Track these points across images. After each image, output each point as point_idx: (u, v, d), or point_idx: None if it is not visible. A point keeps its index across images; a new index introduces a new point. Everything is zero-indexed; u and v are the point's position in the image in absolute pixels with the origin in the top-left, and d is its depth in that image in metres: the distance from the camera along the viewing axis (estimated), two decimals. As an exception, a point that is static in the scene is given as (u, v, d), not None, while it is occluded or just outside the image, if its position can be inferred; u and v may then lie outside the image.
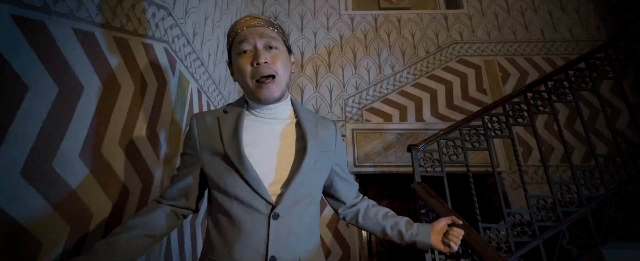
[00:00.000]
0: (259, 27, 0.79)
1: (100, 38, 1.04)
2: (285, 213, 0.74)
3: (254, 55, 0.76)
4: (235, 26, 0.82)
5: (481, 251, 0.93)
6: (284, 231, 0.73)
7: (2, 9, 0.70)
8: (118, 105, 1.13)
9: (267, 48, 0.78)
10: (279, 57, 0.78)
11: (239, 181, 0.74)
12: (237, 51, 0.80)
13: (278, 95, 0.80)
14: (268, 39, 0.78)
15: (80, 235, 0.92)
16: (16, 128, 0.72)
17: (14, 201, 0.71)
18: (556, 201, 1.51)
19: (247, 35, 0.78)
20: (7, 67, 0.71)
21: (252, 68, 0.77)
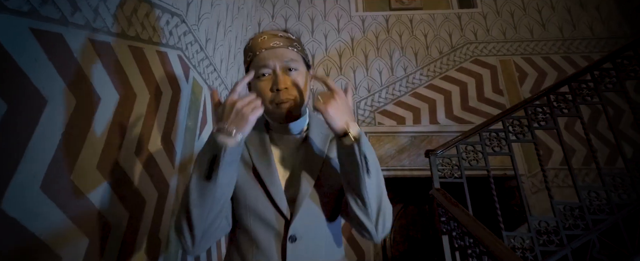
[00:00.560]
0: (278, 49, 0.76)
1: (116, 48, 1.03)
2: (303, 234, 0.72)
3: (274, 80, 0.74)
4: (253, 46, 0.78)
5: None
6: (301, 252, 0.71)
7: (22, 22, 0.70)
8: (134, 114, 1.12)
9: (286, 71, 0.76)
10: (299, 79, 0.76)
11: (261, 196, 0.74)
12: (256, 74, 0.77)
13: (297, 116, 0.79)
14: (287, 61, 0.75)
15: (99, 248, 0.91)
16: (36, 142, 0.72)
17: (34, 217, 0.71)
18: (584, 208, 1.44)
19: (266, 59, 0.75)
20: (26, 81, 0.70)
21: (272, 93, 0.75)
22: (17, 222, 0.67)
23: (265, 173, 0.75)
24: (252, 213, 0.74)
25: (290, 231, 0.71)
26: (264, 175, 0.75)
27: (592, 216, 1.41)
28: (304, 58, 0.82)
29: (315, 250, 0.73)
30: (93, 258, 0.89)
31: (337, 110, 0.66)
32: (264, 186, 0.74)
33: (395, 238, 2.84)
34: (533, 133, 1.61)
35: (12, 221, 0.66)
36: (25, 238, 0.69)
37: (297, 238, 0.71)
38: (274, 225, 0.72)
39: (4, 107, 0.65)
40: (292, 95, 0.75)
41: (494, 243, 0.99)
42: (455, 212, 1.26)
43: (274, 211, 0.73)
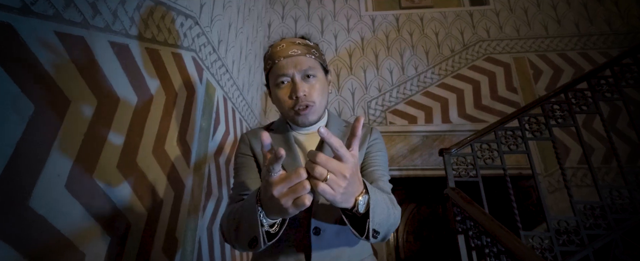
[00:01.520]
0: (296, 57, 0.77)
1: (134, 50, 1.06)
2: (327, 225, 0.74)
3: (292, 88, 0.76)
4: (273, 55, 0.80)
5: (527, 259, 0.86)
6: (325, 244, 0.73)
7: (47, 26, 0.72)
8: (151, 115, 1.14)
9: (305, 78, 0.77)
10: (317, 86, 0.78)
11: None
12: (274, 81, 0.79)
13: (315, 120, 0.81)
14: (305, 69, 0.77)
15: (119, 245, 0.93)
16: (61, 142, 0.74)
17: (59, 214, 0.73)
18: (606, 208, 1.40)
19: (284, 67, 0.77)
20: (51, 83, 0.72)
21: (291, 101, 0.77)
22: (44, 219, 0.69)
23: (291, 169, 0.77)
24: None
25: (313, 224, 0.73)
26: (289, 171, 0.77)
27: (614, 216, 1.36)
28: (321, 64, 0.83)
29: (338, 238, 0.74)
30: (114, 255, 0.91)
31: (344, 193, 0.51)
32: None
33: (407, 238, 2.82)
34: (551, 130, 1.57)
35: (39, 218, 0.68)
36: (52, 235, 0.71)
37: (320, 230, 0.73)
38: (298, 218, 0.74)
39: (30, 107, 0.67)
40: (310, 101, 0.77)
41: (512, 242, 0.97)
42: (472, 211, 1.24)
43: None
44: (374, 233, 0.59)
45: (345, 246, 0.75)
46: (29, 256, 0.65)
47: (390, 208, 0.66)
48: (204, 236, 1.55)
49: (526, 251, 0.92)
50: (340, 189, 0.49)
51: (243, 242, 0.61)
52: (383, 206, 0.61)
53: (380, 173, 0.82)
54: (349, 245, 0.77)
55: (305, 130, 0.86)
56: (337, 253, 0.74)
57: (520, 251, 0.93)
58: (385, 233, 0.65)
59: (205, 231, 1.56)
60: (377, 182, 0.79)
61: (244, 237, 0.61)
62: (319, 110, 0.80)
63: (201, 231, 1.51)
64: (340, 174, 0.49)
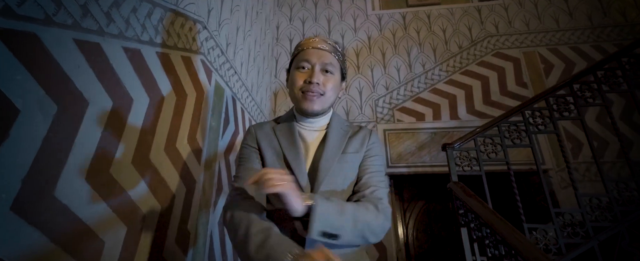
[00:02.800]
0: (323, 51, 0.87)
1: (145, 54, 1.13)
2: None
3: (310, 74, 0.85)
4: (303, 44, 0.90)
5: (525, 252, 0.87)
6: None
7: (67, 34, 0.80)
8: (162, 115, 1.22)
9: (324, 71, 0.87)
10: (331, 81, 0.87)
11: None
12: (297, 64, 0.88)
13: (318, 110, 0.88)
14: (327, 62, 0.86)
15: (136, 235, 1.00)
16: (81, 139, 0.82)
17: (81, 205, 0.80)
18: (612, 200, 1.38)
19: (309, 55, 0.86)
20: (71, 86, 0.80)
21: (304, 83, 0.86)
22: (67, 208, 0.77)
23: (294, 161, 0.85)
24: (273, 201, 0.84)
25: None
26: (292, 163, 0.84)
27: (620, 208, 1.35)
28: (342, 68, 0.92)
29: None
30: (131, 244, 0.98)
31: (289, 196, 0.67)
32: (291, 172, 0.83)
33: (417, 235, 2.82)
34: (555, 124, 1.56)
35: (64, 207, 0.76)
36: (75, 223, 0.78)
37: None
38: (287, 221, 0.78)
39: (54, 107, 0.75)
40: (320, 90, 0.85)
41: (508, 230, 0.99)
42: (472, 204, 1.26)
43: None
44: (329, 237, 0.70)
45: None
46: (56, 240, 0.72)
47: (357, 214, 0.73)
48: (216, 231, 1.62)
49: (521, 240, 0.94)
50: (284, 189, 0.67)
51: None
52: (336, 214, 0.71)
53: (376, 180, 0.87)
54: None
55: (308, 125, 0.92)
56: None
57: (514, 239, 0.94)
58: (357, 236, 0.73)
59: (217, 227, 1.64)
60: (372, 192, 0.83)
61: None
62: (325, 103, 0.87)
63: (212, 226, 1.58)
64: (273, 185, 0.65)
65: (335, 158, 0.86)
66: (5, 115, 0.64)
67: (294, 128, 0.91)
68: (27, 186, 0.67)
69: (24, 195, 0.66)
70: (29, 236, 0.67)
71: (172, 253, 1.20)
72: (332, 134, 0.91)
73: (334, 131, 0.92)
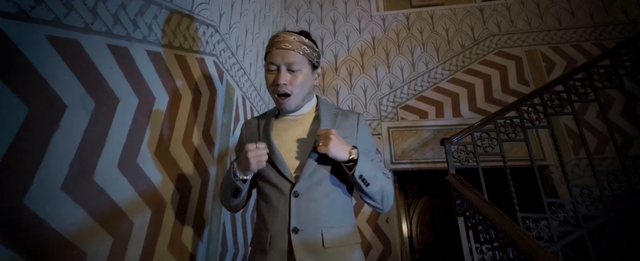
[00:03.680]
0: (286, 51, 0.91)
1: (165, 56, 1.25)
2: (305, 192, 0.88)
3: (276, 75, 0.92)
4: (271, 44, 0.96)
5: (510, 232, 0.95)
6: (304, 207, 0.87)
7: (101, 40, 0.91)
8: (180, 112, 1.34)
9: (289, 70, 0.92)
10: (298, 78, 0.92)
11: (269, 166, 0.92)
12: (266, 66, 0.97)
13: (293, 108, 0.97)
14: (291, 62, 0.91)
15: (159, 219, 1.12)
16: (113, 132, 0.93)
17: (115, 189, 0.92)
18: (602, 191, 1.45)
19: (274, 57, 0.93)
20: (105, 85, 0.92)
21: (273, 84, 0.93)
22: (104, 192, 0.88)
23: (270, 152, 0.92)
24: (267, 182, 0.93)
25: (294, 189, 0.87)
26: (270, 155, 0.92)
27: (610, 198, 1.42)
28: (309, 60, 0.96)
29: (316, 204, 0.87)
30: (155, 227, 1.10)
31: (335, 148, 0.83)
32: (271, 160, 0.92)
33: (421, 229, 2.90)
34: (549, 119, 1.63)
35: (101, 190, 0.87)
36: (109, 205, 0.90)
37: (299, 194, 0.88)
38: (282, 189, 0.89)
39: (92, 103, 0.86)
40: (288, 90, 0.92)
41: (497, 215, 1.07)
42: (467, 194, 1.34)
43: (281, 179, 0.90)
44: (363, 180, 0.83)
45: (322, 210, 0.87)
46: (96, 218, 0.84)
47: (378, 171, 0.88)
48: (228, 220, 1.73)
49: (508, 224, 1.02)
50: (329, 145, 0.82)
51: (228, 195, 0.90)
52: (369, 165, 0.86)
53: (371, 156, 0.99)
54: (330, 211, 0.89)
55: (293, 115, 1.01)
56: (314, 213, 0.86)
57: (501, 222, 1.03)
58: (378, 190, 0.87)
59: (229, 217, 1.75)
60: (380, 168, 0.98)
61: (228, 191, 0.90)
62: (297, 99, 0.95)
63: (225, 216, 1.69)
64: (327, 137, 0.82)
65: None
66: (56, 110, 0.75)
67: (270, 119, 1.01)
68: (73, 170, 0.78)
69: (70, 178, 0.78)
70: (75, 212, 0.79)
71: (189, 237, 1.32)
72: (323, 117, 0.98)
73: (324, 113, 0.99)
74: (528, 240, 0.90)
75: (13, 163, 0.64)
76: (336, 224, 0.89)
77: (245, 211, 2.03)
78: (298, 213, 0.85)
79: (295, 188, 0.87)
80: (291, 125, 1.00)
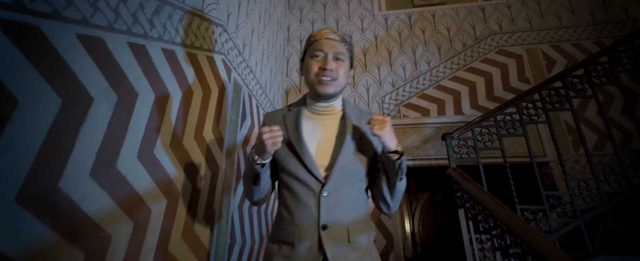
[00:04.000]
0: (334, 41, 0.99)
1: (179, 55, 1.31)
2: (333, 191, 0.92)
3: (324, 61, 0.97)
4: (316, 35, 1.02)
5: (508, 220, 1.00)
6: (332, 205, 0.91)
7: (122, 38, 0.98)
8: (192, 107, 1.40)
9: (335, 59, 0.98)
10: (343, 67, 0.99)
11: (298, 163, 0.95)
12: (311, 54, 1.00)
13: (332, 93, 0.99)
14: (338, 51, 0.98)
15: (173, 208, 1.18)
16: (133, 124, 0.99)
17: (136, 177, 0.98)
18: (598, 184, 1.50)
19: (322, 45, 0.98)
20: (126, 80, 0.98)
21: (318, 70, 0.97)
22: (126, 180, 0.95)
23: (297, 147, 0.95)
24: (294, 178, 0.95)
25: (324, 190, 0.91)
26: (297, 149, 0.95)
27: (606, 191, 1.46)
28: (351, 57, 1.04)
29: (343, 201, 0.93)
30: (170, 215, 1.16)
31: (389, 134, 0.89)
32: (299, 157, 0.95)
33: (423, 224, 2.95)
34: (547, 114, 1.68)
35: (123, 178, 0.93)
36: (130, 192, 0.96)
37: (329, 193, 0.91)
38: (311, 186, 0.92)
39: (115, 97, 0.93)
40: (334, 75, 0.97)
41: (495, 205, 1.12)
42: (467, 186, 1.39)
43: (310, 178, 0.93)
44: (401, 170, 0.89)
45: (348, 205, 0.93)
46: (120, 205, 0.90)
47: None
48: (236, 213, 1.79)
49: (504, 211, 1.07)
50: (385, 129, 0.87)
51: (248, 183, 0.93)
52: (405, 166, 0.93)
53: None
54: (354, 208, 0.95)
55: (321, 109, 1.03)
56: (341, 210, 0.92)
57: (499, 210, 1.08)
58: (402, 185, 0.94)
59: (237, 210, 1.81)
60: None
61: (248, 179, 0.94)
62: (338, 86, 0.99)
63: (233, 209, 1.75)
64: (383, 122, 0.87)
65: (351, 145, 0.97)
66: (84, 102, 0.82)
67: (300, 115, 1.02)
68: (99, 158, 0.85)
69: (97, 165, 0.84)
70: (101, 197, 0.85)
71: (201, 227, 1.38)
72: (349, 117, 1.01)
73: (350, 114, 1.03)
74: (524, 226, 0.95)
75: (50, 149, 0.71)
76: (359, 221, 0.94)
77: (252, 206, 2.09)
78: (327, 211, 0.89)
79: (325, 188, 0.91)
80: (319, 123, 1.02)
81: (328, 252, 0.85)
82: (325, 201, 0.91)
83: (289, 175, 0.96)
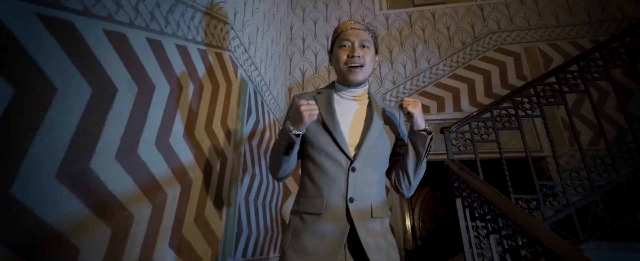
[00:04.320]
0: (359, 30, 1.06)
1: (191, 50, 1.39)
2: (361, 168, 0.98)
3: (351, 49, 1.04)
4: (342, 27, 1.09)
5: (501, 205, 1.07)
6: (359, 181, 0.98)
7: (141, 34, 1.05)
8: (202, 100, 1.47)
9: (362, 46, 1.05)
10: (369, 54, 1.06)
11: (329, 140, 1.01)
12: (339, 44, 1.07)
13: (362, 80, 1.06)
14: (363, 39, 1.05)
15: (187, 194, 1.26)
16: (151, 115, 1.07)
17: (155, 165, 1.06)
18: (589, 174, 1.57)
19: (349, 35, 1.06)
20: (144, 73, 1.06)
21: (347, 58, 1.04)
22: (145, 165, 1.02)
23: (330, 124, 1.02)
24: (324, 154, 1.01)
25: (353, 166, 0.97)
26: (330, 126, 1.02)
27: (597, 181, 1.53)
28: (375, 43, 1.11)
29: (368, 180, 0.99)
30: (184, 200, 1.24)
31: (420, 113, 0.98)
32: (331, 134, 1.01)
33: (423, 218, 3.02)
34: (541, 108, 1.75)
35: (143, 163, 1.01)
36: (149, 176, 1.04)
37: (356, 170, 0.98)
38: (341, 162, 0.98)
39: (135, 88, 1.00)
40: (361, 62, 1.03)
41: (490, 192, 1.19)
42: (464, 176, 1.46)
43: (340, 153, 0.99)
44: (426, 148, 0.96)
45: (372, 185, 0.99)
46: (141, 188, 0.98)
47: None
48: (243, 204, 1.87)
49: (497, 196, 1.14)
50: (417, 108, 0.97)
51: (280, 154, 0.95)
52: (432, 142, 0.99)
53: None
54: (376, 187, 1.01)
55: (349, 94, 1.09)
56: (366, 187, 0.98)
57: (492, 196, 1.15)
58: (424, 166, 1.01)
59: (243, 201, 1.89)
60: None
61: (280, 150, 0.95)
62: (366, 73, 1.06)
63: (240, 199, 1.83)
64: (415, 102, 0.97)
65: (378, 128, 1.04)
66: (110, 91, 0.89)
67: (331, 97, 1.09)
68: (123, 144, 0.92)
69: (121, 150, 0.92)
70: (124, 180, 0.92)
71: (212, 214, 1.46)
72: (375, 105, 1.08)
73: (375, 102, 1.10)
74: (514, 208, 1.02)
75: (82, 133, 0.78)
76: (379, 198, 1.01)
77: (257, 198, 2.16)
78: (354, 186, 0.96)
79: (354, 164, 0.97)
80: (348, 106, 1.09)
81: (356, 221, 0.91)
82: (353, 177, 0.97)
83: (318, 151, 1.01)
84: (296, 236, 0.94)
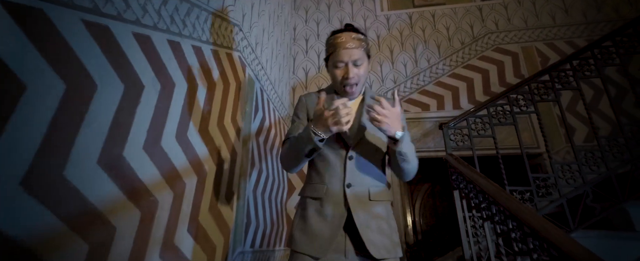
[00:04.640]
0: (351, 50, 1.10)
1: (205, 51, 1.48)
2: (356, 156, 1.09)
3: (345, 71, 1.10)
4: (335, 44, 1.12)
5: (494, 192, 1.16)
6: (355, 168, 1.07)
7: (163, 36, 1.15)
8: (215, 98, 1.57)
9: (355, 65, 1.11)
10: (362, 68, 1.12)
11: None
12: (333, 63, 1.13)
13: (358, 94, 1.17)
14: (356, 59, 1.10)
15: (202, 184, 1.35)
16: (172, 110, 1.17)
17: (175, 157, 1.15)
18: (580, 166, 1.66)
19: (342, 56, 1.10)
20: (166, 72, 1.15)
21: (342, 79, 1.11)
22: (167, 156, 1.12)
23: None
24: (326, 144, 1.09)
25: (349, 153, 1.07)
26: None
27: (587, 173, 1.62)
28: (367, 53, 1.16)
29: (364, 167, 1.09)
30: (200, 191, 1.33)
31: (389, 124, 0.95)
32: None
33: (424, 213, 3.11)
34: (535, 105, 1.84)
35: (165, 154, 1.10)
36: (171, 167, 1.13)
37: (353, 157, 1.08)
38: (339, 151, 1.09)
39: (158, 85, 1.10)
40: (356, 81, 1.11)
41: (484, 182, 1.28)
42: (460, 168, 1.55)
43: (339, 143, 1.09)
44: (400, 153, 0.99)
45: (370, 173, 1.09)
46: (164, 176, 1.07)
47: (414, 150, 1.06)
48: (251, 197, 1.96)
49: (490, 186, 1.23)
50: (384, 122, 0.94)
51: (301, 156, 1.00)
52: (409, 144, 1.03)
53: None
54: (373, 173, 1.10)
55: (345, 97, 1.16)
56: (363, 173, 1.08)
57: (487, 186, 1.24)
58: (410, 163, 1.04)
59: (252, 194, 1.98)
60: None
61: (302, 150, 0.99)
62: (361, 86, 1.15)
63: (248, 193, 1.92)
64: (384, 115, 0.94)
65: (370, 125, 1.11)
66: (138, 88, 0.99)
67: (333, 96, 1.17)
68: (149, 136, 1.02)
69: (147, 142, 1.01)
70: (150, 168, 1.02)
71: (224, 205, 1.55)
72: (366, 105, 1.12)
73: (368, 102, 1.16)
74: (506, 195, 1.11)
75: (116, 125, 0.88)
76: (378, 183, 1.10)
77: (263, 192, 2.26)
78: (351, 172, 1.06)
79: (350, 153, 1.07)
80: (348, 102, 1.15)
81: (351, 206, 1.01)
82: (350, 165, 1.07)
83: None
84: (303, 218, 1.05)
